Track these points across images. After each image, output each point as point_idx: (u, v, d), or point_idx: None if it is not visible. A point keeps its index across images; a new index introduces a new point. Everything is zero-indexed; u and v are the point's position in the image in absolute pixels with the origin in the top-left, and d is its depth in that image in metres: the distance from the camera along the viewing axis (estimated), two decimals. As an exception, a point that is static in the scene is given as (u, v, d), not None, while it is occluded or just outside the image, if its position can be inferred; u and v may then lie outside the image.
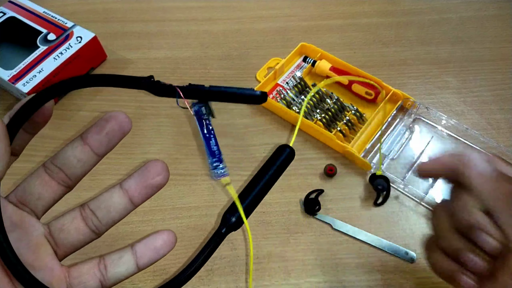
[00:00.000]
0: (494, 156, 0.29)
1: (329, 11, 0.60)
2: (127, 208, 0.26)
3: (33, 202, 0.24)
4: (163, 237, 0.26)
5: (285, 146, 0.29)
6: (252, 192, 0.28)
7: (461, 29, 0.57)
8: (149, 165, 0.25)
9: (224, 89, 0.24)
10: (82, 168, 0.25)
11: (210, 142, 0.26)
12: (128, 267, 0.25)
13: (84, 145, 0.25)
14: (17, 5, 0.54)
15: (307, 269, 0.39)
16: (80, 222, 0.25)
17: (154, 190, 0.26)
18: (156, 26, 0.58)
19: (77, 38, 0.50)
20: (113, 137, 0.25)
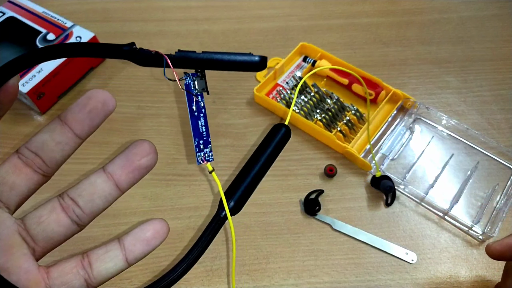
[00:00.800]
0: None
1: (329, 10, 0.60)
2: (113, 194, 0.23)
3: (5, 194, 0.21)
4: (154, 227, 0.23)
5: (280, 125, 0.26)
6: (248, 176, 0.25)
7: (462, 28, 0.57)
8: (134, 145, 0.23)
9: (220, 55, 0.21)
10: (62, 152, 0.22)
11: (198, 121, 0.23)
12: (116, 262, 0.22)
13: (63, 125, 0.21)
14: (17, 5, 0.53)
15: (307, 270, 0.39)
16: (60, 213, 0.22)
17: (142, 173, 0.23)
18: (156, 26, 0.58)
19: (77, 38, 0.50)
20: (96, 116, 0.21)
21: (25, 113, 0.49)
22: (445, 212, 0.41)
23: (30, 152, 0.22)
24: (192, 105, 0.22)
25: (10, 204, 0.22)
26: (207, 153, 0.24)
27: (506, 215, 0.41)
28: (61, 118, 0.22)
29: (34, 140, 0.22)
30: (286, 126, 0.26)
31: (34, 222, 0.22)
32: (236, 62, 0.21)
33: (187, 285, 0.38)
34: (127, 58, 0.20)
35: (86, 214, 0.23)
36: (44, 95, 0.48)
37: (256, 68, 0.21)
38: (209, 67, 0.21)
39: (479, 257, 0.39)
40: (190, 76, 0.22)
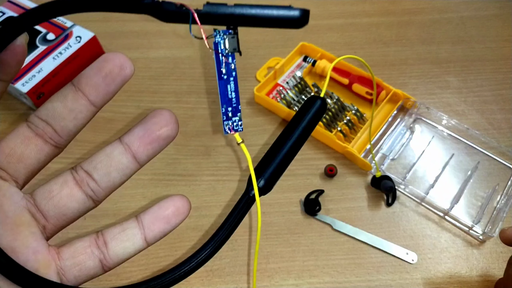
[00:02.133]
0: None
1: (329, 10, 0.60)
2: (130, 167, 0.21)
3: (12, 165, 0.19)
4: (174, 203, 0.21)
5: (315, 98, 0.23)
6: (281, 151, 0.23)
7: (462, 28, 0.57)
8: (153, 114, 0.21)
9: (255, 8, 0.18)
10: (75, 121, 0.20)
11: (228, 86, 0.20)
12: (134, 241, 0.20)
13: (77, 91, 0.19)
14: (16, 4, 0.53)
15: (307, 270, 0.39)
16: (73, 187, 0.20)
17: (161, 145, 0.21)
18: (156, 26, 0.58)
19: (77, 38, 0.50)
20: (112, 81, 0.19)
21: (25, 113, 0.49)
22: (446, 212, 0.41)
23: (40, 120, 0.20)
24: (222, 67, 0.19)
25: (18, 177, 0.20)
26: (236, 122, 0.21)
27: (507, 215, 0.41)
28: (74, 84, 0.19)
29: (45, 107, 0.20)
30: (322, 98, 0.23)
31: (44, 197, 0.20)
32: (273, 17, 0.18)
33: (187, 285, 0.38)
34: (148, 13, 0.18)
35: (102, 189, 0.21)
36: (44, 95, 0.48)
37: (297, 24, 0.18)
38: (242, 23, 0.18)
39: (479, 257, 0.39)
40: (221, 34, 0.19)
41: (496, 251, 0.40)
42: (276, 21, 0.18)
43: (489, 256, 0.39)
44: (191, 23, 0.17)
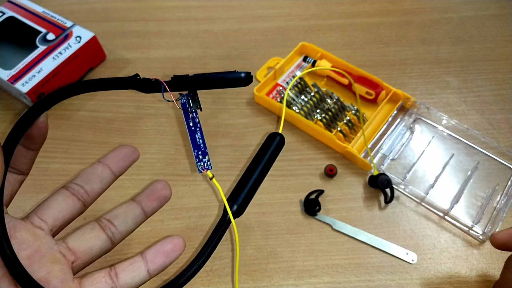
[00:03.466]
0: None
1: (329, 10, 0.60)
2: (140, 217, 0.29)
3: (53, 216, 0.27)
4: (172, 241, 0.27)
5: (275, 134, 0.29)
6: (249, 181, 0.28)
7: (462, 28, 0.57)
8: (155, 183, 0.31)
9: (209, 75, 0.23)
10: (101, 185, 0.29)
11: (195, 135, 0.26)
12: (140, 273, 0.26)
13: (104, 165, 0.29)
14: (16, 4, 0.53)
15: (307, 270, 0.39)
16: (99, 230, 0.28)
17: (162, 202, 0.30)
18: (156, 26, 0.58)
19: (76, 38, 0.50)
20: (128, 159, 0.30)
21: (24, 113, 0.49)
22: (446, 212, 0.41)
23: (75, 184, 0.28)
24: (189, 121, 0.25)
25: (54, 226, 0.27)
26: (206, 162, 0.27)
27: (506, 215, 0.41)
28: (101, 161, 0.29)
29: (80, 176, 0.29)
30: (280, 134, 0.29)
31: (77, 238, 0.27)
32: (223, 79, 0.23)
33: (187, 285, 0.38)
34: (134, 88, 0.24)
35: (119, 232, 0.28)
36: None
37: (243, 83, 0.23)
38: (201, 87, 0.24)
39: (479, 257, 0.39)
40: (185, 96, 0.25)
41: (496, 251, 0.39)
42: (226, 82, 0.23)
43: (489, 256, 0.39)
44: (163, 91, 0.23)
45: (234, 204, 0.27)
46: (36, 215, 0.27)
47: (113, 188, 0.33)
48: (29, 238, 0.25)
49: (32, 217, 0.26)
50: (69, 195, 0.28)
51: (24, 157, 0.26)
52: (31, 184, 0.44)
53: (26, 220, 0.26)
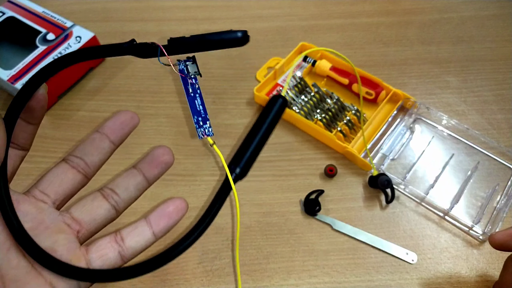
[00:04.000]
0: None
1: (329, 10, 0.60)
2: (143, 183, 0.29)
3: (54, 189, 0.26)
4: (174, 203, 0.27)
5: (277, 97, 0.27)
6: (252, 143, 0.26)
7: (462, 28, 0.57)
8: (156, 148, 0.29)
9: (205, 35, 0.23)
10: (100, 156, 0.28)
11: (195, 101, 0.25)
12: (145, 235, 0.27)
13: (102, 135, 0.28)
14: (16, 4, 0.53)
15: (307, 270, 0.39)
16: (102, 200, 0.27)
17: (164, 168, 0.29)
18: (156, 26, 0.58)
19: (76, 38, 0.50)
20: (126, 127, 0.29)
21: (24, 113, 0.49)
22: (446, 212, 0.41)
23: (75, 157, 0.28)
24: (188, 87, 0.25)
25: (57, 199, 0.27)
26: (207, 128, 0.26)
27: (506, 215, 0.41)
28: (99, 130, 0.28)
29: (78, 148, 0.28)
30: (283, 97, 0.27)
31: (78, 209, 0.27)
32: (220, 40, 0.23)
33: (187, 285, 0.38)
34: (129, 53, 0.23)
35: (122, 200, 0.28)
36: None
37: (239, 43, 0.23)
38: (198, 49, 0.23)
39: (479, 257, 0.39)
40: (183, 62, 0.25)
41: (496, 251, 0.39)
42: (223, 43, 0.23)
43: (489, 256, 0.39)
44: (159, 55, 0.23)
45: (237, 167, 0.26)
46: (37, 189, 0.26)
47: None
48: (32, 211, 0.25)
49: (33, 191, 0.26)
50: (69, 168, 0.27)
51: (24, 131, 0.25)
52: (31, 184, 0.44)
53: (28, 194, 0.26)
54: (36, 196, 0.26)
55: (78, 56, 0.23)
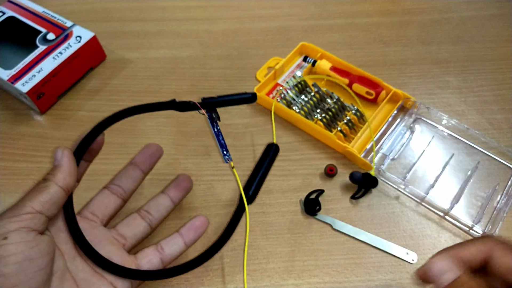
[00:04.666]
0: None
1: (329, 10, 0.60)
2: (170, 205, 0.37)
3: (101, 211, 0.34)
4: (199, 219, 0.35)
5: (271, 145, 0.37)
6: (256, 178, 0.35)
7: (462, 28, 0.57)
8: (179, 177, 0.38)
9: (227, 97, 0.33)
10: (134, 183, 0.36)
11: (219, 137, 0.34)
12: (179, 245, 0.34)
13: (134, 166, 0.36)
14: (17, 4, 0.53)
15: (307, 270, 0.39)
16: (140, 219, 0.35)
17: (186, 192, 0.38)
18: (156, 26, 0.58)
19: (77, 38, 0.50)
20: (154, 157, 0.37)
21: (25, 113, 0.49)
22: (446, 212, 0.41)
23: (114, 185, 0.36)
24: (214, 128, 0.34)
25: (104, 219, 0.34)
26: (229, 156, 0.35)
27: (507, 215, 0.41)
28: (132, 162, 0.37)
29: (117, 177, 0.36)
30: (275, 144, 0.37)
31: (123, 226, 0.35)
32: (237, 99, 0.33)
33: (187, 285, 0.38)
34: (172, 109, 0.32)
35: (156, 219, 0.36)
36: (44, 95, 0.48)
37: (250, 100, 0.33)
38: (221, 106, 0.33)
39: (479, 257, 0.39)
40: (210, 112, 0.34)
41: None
42: (239, 101, 0.33)
43: (489, 256, 0.39)
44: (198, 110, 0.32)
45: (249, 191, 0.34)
46: (87, 211, 0.34)
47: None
48: (88, 228, 0.32)
49: (85, 213, 0.33)
50: (110, 194, 0.35)
51: (81, 167, 0.32)
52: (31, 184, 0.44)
53: (81, 215, 0.33)
54: (88, 217, 0.33)
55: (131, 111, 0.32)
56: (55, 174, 0.28)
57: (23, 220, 0.26)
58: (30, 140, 0.47)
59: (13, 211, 0.27)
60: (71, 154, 0.30)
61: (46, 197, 0.28)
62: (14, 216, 0.26)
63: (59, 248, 0.30)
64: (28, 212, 0.27)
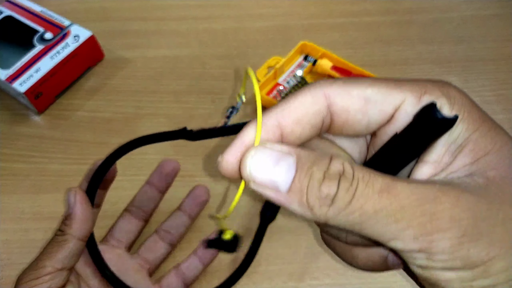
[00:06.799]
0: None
1: (330, 9, 0.59)
2: (188, 222, 0.38)
3: (125, 236, 0.35)
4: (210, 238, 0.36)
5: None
6: None
7: (463, 28, 0.57)
8: (195, 190, 0.38)
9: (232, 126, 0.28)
10: (153, 204, 0.37)
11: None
12: (197, 267, 0.36)
13: (151, 186, 0.37)
14: (14, 3, 0.53)
15: (308, 272, 0.38)
16: (159, 241, 0.37)
17: (202, 205, 0.39)
18: (155, 25, 0.58)
19: (75, 37, 0.50)
20: (169, 177, 0.37)
21: (22, 113, 0.49)
22: (447, 213, 0.41)
23: (134, 207, 0.37)
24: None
25: (128, 243, 0.35)
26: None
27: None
28: (149, 182, 0.37)
29: (135, 200, 0.37)
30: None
31: (145, 251, 0.36)
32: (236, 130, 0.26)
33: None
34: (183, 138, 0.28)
35: (175, 237, 0.37)
36: (42, 94, 0.47)
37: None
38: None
39: (481, 259, 0.39)
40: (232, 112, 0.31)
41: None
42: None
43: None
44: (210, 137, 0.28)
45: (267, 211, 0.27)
46: (112, 238, 0.35)
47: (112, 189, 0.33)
48: (114, 258, 0.33)
49: (110, 240, 0.35)
50: (132, 217, 0.36)
51: (98, 196, 0.31)
52: (30, 185, 0.44)
53: (106, 243, 0.35)
54: (114, 244, 0.35)
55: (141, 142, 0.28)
56: (71, 226, 0.27)
57: (44, 282, 0.26)
58: (28, 141, 0.47)
59: (34, 273, 0.26)
60: (84, 197, 0.27)
61: (65, 253, 0.27)
62: (35, 278, 0.26)
63: (87, 284, 0.31)
64: (49, 272, 0.26)
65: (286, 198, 0.16)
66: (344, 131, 0.18)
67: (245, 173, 0.17)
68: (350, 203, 0.15)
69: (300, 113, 0.18)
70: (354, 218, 0.15)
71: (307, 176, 0.16)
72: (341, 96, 0.17)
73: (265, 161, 0.17)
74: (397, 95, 0.17)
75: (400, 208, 0.15)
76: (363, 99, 0.17)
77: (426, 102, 0.17)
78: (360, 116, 0.18)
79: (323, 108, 0.18)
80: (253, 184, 0.17)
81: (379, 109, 0.17)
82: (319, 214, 0.16)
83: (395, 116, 0.17)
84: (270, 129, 0.19)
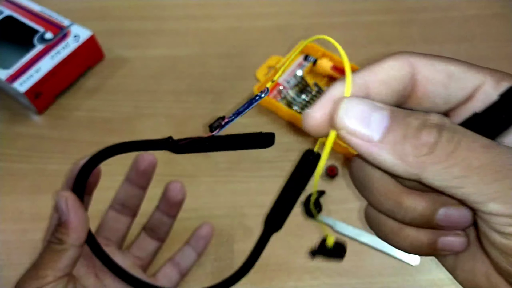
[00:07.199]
0: None
1: (330, 8, 0.59)
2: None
3: (114, 235, 0.35)
4: (205, 228, 0.37)
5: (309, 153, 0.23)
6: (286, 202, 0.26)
7: (465, 27, 0.56)
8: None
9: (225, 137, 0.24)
10: (138, 200, 0.36)
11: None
12: (191, 256, 0.37)
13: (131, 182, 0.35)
14: (14, 3, 0.53)
15: (308, 272, 0.38)
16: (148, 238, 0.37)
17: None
18: (154, 24, 0.58)
19: (75, 37, 0.49)
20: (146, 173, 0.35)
21: (22, 113, 0.49)
22: (448, 214, 0.41)
23: (118, 204, 0.35)
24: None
25: (118, 242, 0.35)
26: None
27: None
28: (128, 179, 0.35)
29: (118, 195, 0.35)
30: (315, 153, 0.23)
31: (135, 248, 0.36)
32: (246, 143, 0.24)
33: (186, 287, 0.37)
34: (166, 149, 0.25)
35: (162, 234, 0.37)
36: (42, 94, 0.47)
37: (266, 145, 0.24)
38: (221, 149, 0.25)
39: (483, 259, 0.39)
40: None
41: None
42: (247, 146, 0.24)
43: (493, 258, 0.39)
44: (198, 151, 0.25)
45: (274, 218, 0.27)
46: (101, 238, 0.34)
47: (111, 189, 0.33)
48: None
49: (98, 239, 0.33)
50: (118, 215, 0.35)
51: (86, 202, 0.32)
52: (28, 185, 0.44)
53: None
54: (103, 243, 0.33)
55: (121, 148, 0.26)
56: (69, 234, 0.27)
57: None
58: (28, 141, 0.47)
59: (35, 282, 0.26)
60: (77, 202, 0.27)
61: (66, 262, 0.27)
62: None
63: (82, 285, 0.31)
64: (51, 281, 0.27)
65: (378, 146, 0.15)
66: (423, 103, 0.18)
67: (337, 120, 0.16)
68: (452, 153, 0.14)
69: (387, 75, 0.18)
70: (455, 172, 0.14)
71: (403, 125, 0.15)
72: (426, 67, 0.18)
73: (358, 109, 0.16)
74: (478, 76, 0.17)
75: (505, 165, 0.14)
76: (447, 74, 0.17)
77: (506, 86, 0.17)
78: (441, 90, 0.17)
79: (408, 75, 0.18)
80: (344, 131, 0.16)
81: (461, 86, 0.17)
82: (414, 164, 0.15)
83: (475, 96, 0.17)
84: (358, 87, 0.18)
